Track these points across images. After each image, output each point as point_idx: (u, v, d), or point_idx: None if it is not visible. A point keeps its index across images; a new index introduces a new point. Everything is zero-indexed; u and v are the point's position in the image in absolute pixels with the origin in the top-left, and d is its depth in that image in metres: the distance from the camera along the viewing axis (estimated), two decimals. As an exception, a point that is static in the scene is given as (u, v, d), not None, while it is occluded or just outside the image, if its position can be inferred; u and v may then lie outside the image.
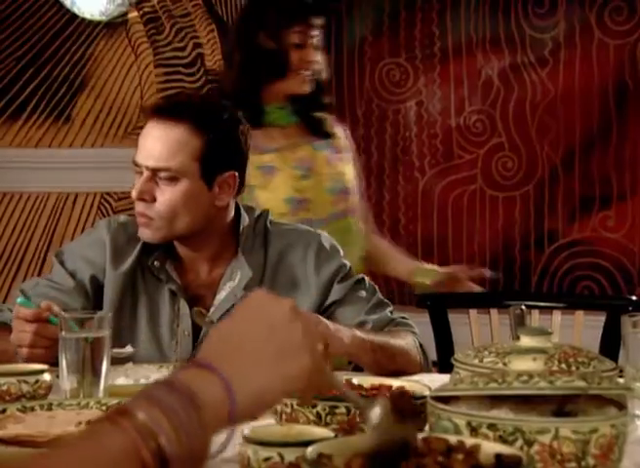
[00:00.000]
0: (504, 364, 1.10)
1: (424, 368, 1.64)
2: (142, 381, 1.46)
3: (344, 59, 3.33)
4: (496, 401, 1.00)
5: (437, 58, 3.29)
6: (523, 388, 0.98)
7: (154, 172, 1.61)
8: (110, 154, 3.18)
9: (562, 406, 1.00)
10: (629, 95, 3.18)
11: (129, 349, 1.55)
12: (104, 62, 3.21)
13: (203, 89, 3.21)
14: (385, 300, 1.72)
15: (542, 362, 1.06)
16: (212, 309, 1.69)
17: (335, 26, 3.32)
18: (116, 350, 1.52)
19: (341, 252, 1.74)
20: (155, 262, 1.69)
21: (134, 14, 3.19)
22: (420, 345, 1.66)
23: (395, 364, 1.56)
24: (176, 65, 3.20)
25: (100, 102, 3.22)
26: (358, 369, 1.65)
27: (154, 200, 1.62)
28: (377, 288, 1.76)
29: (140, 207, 1.63)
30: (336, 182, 2.15)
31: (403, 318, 1.70)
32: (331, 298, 1.70)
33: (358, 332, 1.54)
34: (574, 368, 1.10)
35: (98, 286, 1.70)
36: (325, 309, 1.70)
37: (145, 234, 1.64)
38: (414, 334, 1.67)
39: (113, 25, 3.20)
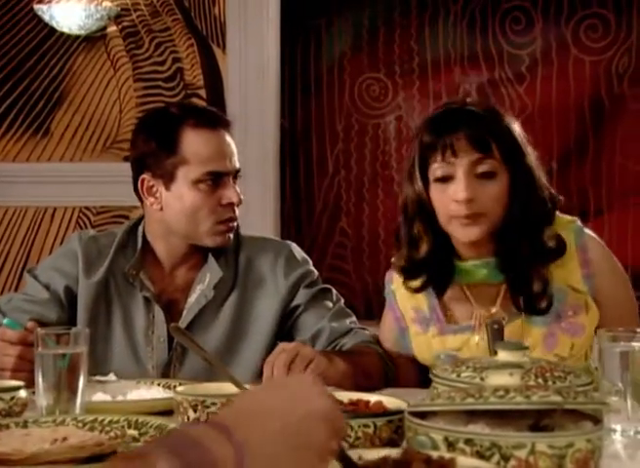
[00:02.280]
0: (482, 379, 1.10)
1: (390, 377, 1.68)
2: (120, 398, 1.45)
3: (324, 75, 3.35)
4: (472, 416, 1.01)
5: (416, 73, 3.31)
6: (499, 403, 0.98)
7: (237, 173, 1.75)
8: (89, 168, 3.17)
9: (538, 420, 1.00)
10: (605, 110, 3.22)
11: (112, 377, 1.54)
12: (83, 76, 3.21)
13: (182, 103, 3.21)
14: (348, 311, 1.78)
15: (519, 376, 1.06)
16: (184, 312, 1.73)
17: (314, 42, 3.33)
18: (98, 377, 1.52)
19: (311, 262, 1.80)
20: (132, 270, 1.72)
21: (113, 28, 3.19)
22: (386, 355, 1.71)
23: (370, 381, 1.59)
24: (155, 80, 3.20)
25: (78, 116, 3.21)
26: None
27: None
28: (341, 299, 1.81)
29: (235, 212, 1.74)
30: None
31: (362, 328, 1.74)
32: (295, 302, 1.75)
33: (342, 361, 1.56)
34: (550, 382, 1.10)
35: (72, 296, 1.73)
36: (289, 312, 1.75)
37: (227, 239, 1.74)
38: (376, 345, 1.72)
39: (92, 40, 3.19)
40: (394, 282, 1.73)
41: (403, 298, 1.72)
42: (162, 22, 3.20)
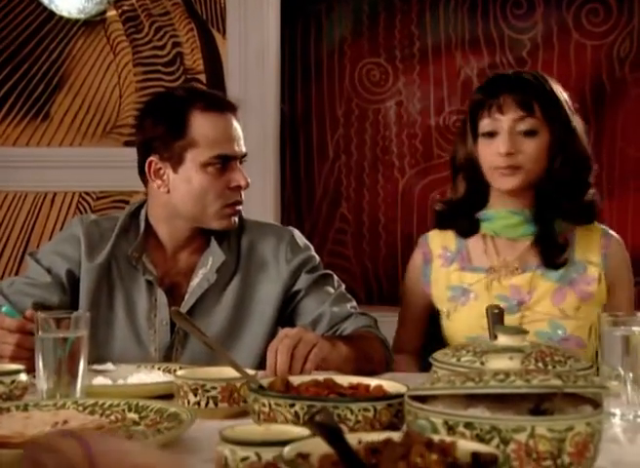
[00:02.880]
0: (482, 363, 1.10)
1: (390, 362, 1.72)
2: (120, 382, 1.46)
3: (324, 60, 3.34)
4: (472, 400, 1.01)
5: (416, 58, 3.30)
6: (499, 387, 0.98)
7: (243, 157, 1.77)
8: (89, 153, 3.17)
9: (538, 404, 1.00)
10: (606, 95, 3.21)
11: (110, 367, 1.55)
12: (83, 61, 3.20)
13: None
14: (349, 296, 1.80)
15: (519, 361, 1.07)
16: (186, 296, 1.75)
17: (314, 27, 3.32)
18: (96, 366, 1.52)
19: (312, 248, 1.81)
20: (134, 253, 1.73)
21: (112, 12, 3.18)
22: (385, 341, 1.74)
23: (371, 365, 1.60)
24: (155, 64, 3.18)
25: (78, 101, 3.20)
26: None
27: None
28: (342, 284, 1.83)
29: (242, 196, 1.76)
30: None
31: (362, 313, 1.75)
32: (297, 287, 1.77)
33: (344, 346, 1.57)
34: (550, 366, 1.11)
35: (74, 280, 1.74)
36: (290, 297, 1.77)
37: (233, 222, 1.76)
38: (377, 329, 1.75)
39: (92, 24, 3.18)
40: (430, 233, 1.92)
41: (435, 239, 1.89)
42: (162, 7, 3.18)
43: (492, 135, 1.77)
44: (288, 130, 3.32)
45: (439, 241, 1.89)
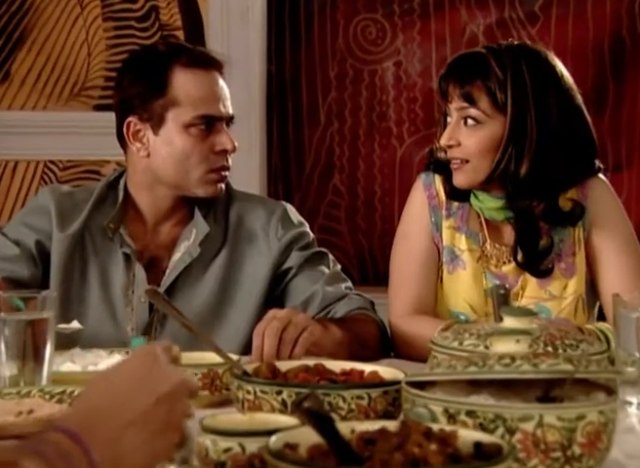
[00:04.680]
0: (486, 346, 1.11)
1: (386, 346, 1.73)
2: (91, 368, 1.47)
3: (315, 15, 3.33)
4: (475, 386, 1.02)
5: (417, 13, 3.29)
6: (504, 372, 1.00)
7: (230, 120, 1.78)
8: (54, 118, 3.16)
9: (547, 391, 1.02)
10: (627, 53, 3.21)
11: (75, 325, 1.56)
12: (47, 14, 3.18)
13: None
14: (344, 276, 1.80)
15: (527, 344, 1.08)
16: (167, 271, 1.75)
17: (304, -23, 3.31)
18: (61, 325, 1.53)
19: (307, 225, 1.82)
20: (110, 224, 1.74)
21: (79, -40, 3.16)
22: (382, 323, 1.75)
23: (366, 350, 1.62)
24: (127, 19, 3.17)
25: (41, 59, 3.18)
26: None
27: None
28: (338, 265, 1.84)
29: (228, 161, 1.77)
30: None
31: (358, 294, 1.76)
32: (287, 264, 1.79)
33: (337, 329, 1.59)
34: (560, 350, 1.12)
35: (44, 252, 1.76)
36: (280, 275, 1.78)
37: (218, 189, 1.77)
38: (373, 312, 1.76)
39: (57, -27, 3.16)
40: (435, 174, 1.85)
41: (441, 184, 1.83)
42: (134, -46, 3.17)
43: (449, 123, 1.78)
44: (275, 93, 3.31)
45: (444, 186, 1.83)
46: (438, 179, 1.83)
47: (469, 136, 1.73)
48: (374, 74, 3.33)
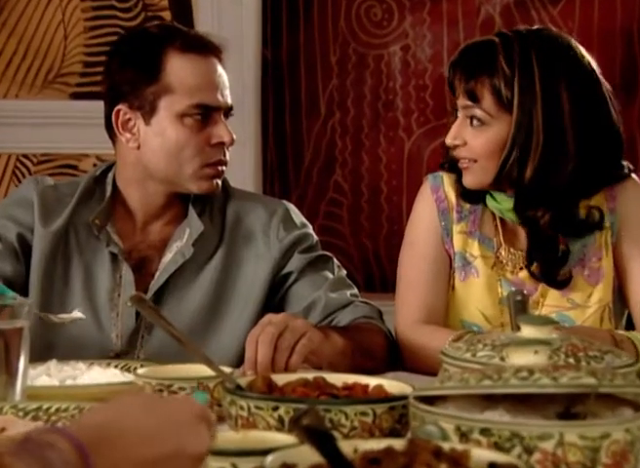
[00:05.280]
0: (501, 358, 1.13)
1: (394, 358, 1.73)
2: (69, 382, 1.48)
3: (315, -6, 3.34)
4: (490, 401, 1.03)
5: (427, -8, 3.30)
6: (522, 386, 1.01)
7: (229, 111, 1.80)
8: (27, 107, 3.17)
9: (568, 407, 1.03)
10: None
11: (77, 314, 1.56)
12: (19, -6, 3.19)
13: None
14: (349, 282, 1.81)
15: (546, 355, 1.09)
16: (157, 274, 1.76)
17: (303, -47, 3.32)
18: (62, 315, 1.54)
19: (310, 227, 1.83)
20: (96, 220, 1.75)
21: None
22: (390, 333, 1.75)
23: (371, 361, 1.63)
24: (107, -2, 3.18)
25: (13, 42, 3.19)
26: None
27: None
28: (343, 270, 1.85)
29: (226, 155, 1.79)
30: None
31: (364, 302, 1.77)
32: (288, 268, 1.80)
33: (339, 335, 1.60)
34: (583, 362, 1.13)
35: (27, 246, 1.78)
36: (280, 280, 1.79)
37: (214, 185, 1.78)
38: (380, 321, 1.76)
39: (30, -52, 3.17)
40: (442, 174, 1.86)
41: (450, 183, 1.84)
42: None
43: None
44: (271, 80, 3.33)
45: (454, 187, 1.83)
46: (447, 181, 1.84)
47: (475, 136, 1.74)
48: (379, 59, 3.34)
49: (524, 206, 1.75)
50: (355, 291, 1.82)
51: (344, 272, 1.85)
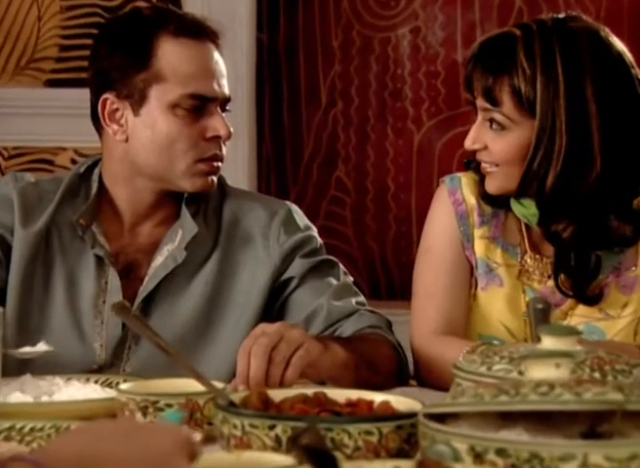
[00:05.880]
0: (520, 372, 1.14)
1: (405, 373, 1.74)
2: (45, 399, 1.49)
3: (315, -29, 3.35)
4: (507, 419, 1.04)
5: (439, -31, 3.31)
6: (542, 402, 1.02)
7: (226, 103, 1.81)
8: (-2, 96, 3.18)
9: (592, 426, 1.04)
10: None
11: (42, 347, 1.57)
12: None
13: (122, 9, 3.21)
14: (355, 289, 1.82)
15: (568, 369, 1.10)
16: (146, 279, 1.78)
17: None
18: (25, 349, 1.55)
19: (315, 230, 1.83)
20: (81, 219, 1.76)
21: None
22: (399, 346, 1.76)
23: (377, 376, 1.64)
24: (86, -24, 3.19)
25: (-18, 25, 3.20)
26: None
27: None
28: (350, 277, 1.85)
29: (222, 150, 1.79)
30: None
31: (371, 311, 1.78)
32: (289, 273, 1.80)
33: (340, 347, 1.60)
34: (610, 377, 1.14)
35: (7, 248, 1.78)
36: (280, 286, 1.80)
37: (209, 182, 1.80)
38: (388, 332, 1.77)
39: None
40: (461, 175, 1.87)
41: (469, 184, 1.85)
42: None
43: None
44: (267, 67, 3.34)
45: (473, 189, 1.85)
46: (465, 182, 1.85)
47: (495, 140, 1.75)
48: (386, 43, 3.35)
49: (547, 218, 1.76)
50: (362, 298, 1.82)
51: (351, 279, 1.85)
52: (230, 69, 3.09)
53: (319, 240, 1.86)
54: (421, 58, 3.33)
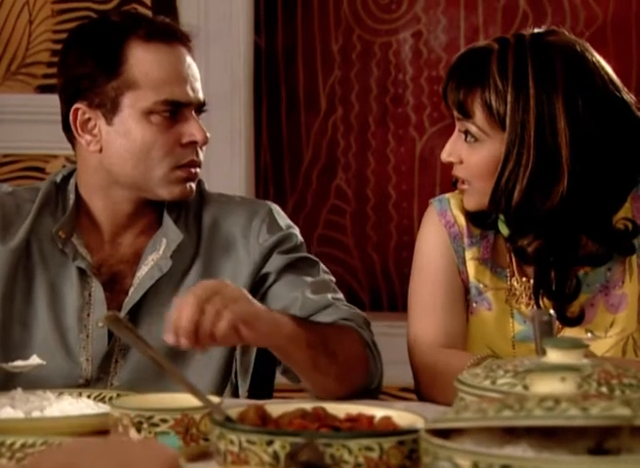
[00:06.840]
0: (524, 386, 1.14)
1: (374, 372, 1.73)
2: (36, 414, 1.49)
3: (314, -27, 3.36)
4: (511, 435, 1.04)
5: (442, -28, 3.32)
6: (547, 417, 1.02)
7: (201, 107, 1.83)
8: (-12, 102, 3.18)
9: (600, 442, 1.04)
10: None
11: (34, 361, 1.57)
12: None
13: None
14: (335, 287, 1.84)
15: (575, 383, 1.10)
16: (131, 290, 1.79)
17: None
18: (17, 363, 1.55)
19: (297, 230, 1.84)
20: (60, 231, 1.76)
21: None
22: (373, 343, 1.75)
23: (334, 364, 1.64)
24: (79, -21, 3.20)
25: (-29, 29, 3.21)
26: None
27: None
28: (331, 276, 1.86)
29: (199, 155, 1.81)
30: None
31: (348, 306, 1.79)
32: (266, 269, 1.82)
33: (291, 320, 1.61)
34: (617, 391, 1.14)
35: None
36: (259, 281, 1.81)
37: (187, 189, 1.81)
38: (364, 329, 1.76)
39: None
40: (449, 196, 1.89)
41: (458, 205, 1.87)
42: None
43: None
44: (265, 72, 3.34)
45: (462, 209, 1.86)
46: (454, 203, 1.86)
47: (470, 153, 1.78)
48: (387, 48, 3.36)
49: (515, 234, 1.77)
50: (340, 295, 1.83)
51: (332, 278, 1.86)
52: (227, 73, 3.11)
53: (300, 238, 1.87)
54: (423, 62, 3.34)
